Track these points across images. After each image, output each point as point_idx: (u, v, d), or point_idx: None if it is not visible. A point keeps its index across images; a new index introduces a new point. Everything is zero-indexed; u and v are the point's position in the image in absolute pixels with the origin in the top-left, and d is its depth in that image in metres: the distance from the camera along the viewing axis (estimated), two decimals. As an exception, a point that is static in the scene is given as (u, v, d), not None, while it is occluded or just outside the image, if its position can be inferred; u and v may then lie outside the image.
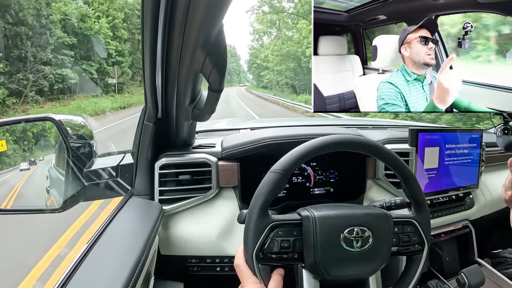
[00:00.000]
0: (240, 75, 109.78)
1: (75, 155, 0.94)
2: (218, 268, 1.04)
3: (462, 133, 1.25)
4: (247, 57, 58.57)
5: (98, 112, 16.48)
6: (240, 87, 71.01)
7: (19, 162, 6.04)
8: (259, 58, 44.99)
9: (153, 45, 0.68)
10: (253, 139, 1.05)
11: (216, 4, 0.58)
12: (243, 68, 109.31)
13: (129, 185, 1.03)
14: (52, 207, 0.95)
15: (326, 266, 0.65)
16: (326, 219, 0.66)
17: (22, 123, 1.00)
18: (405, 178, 0.73)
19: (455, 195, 1.28)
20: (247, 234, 0.66)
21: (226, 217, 1.04)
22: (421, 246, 0.73)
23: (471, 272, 1.10)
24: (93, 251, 0.69)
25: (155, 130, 0.95)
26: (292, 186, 1.15)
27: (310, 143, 0.69)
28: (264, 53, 40.90)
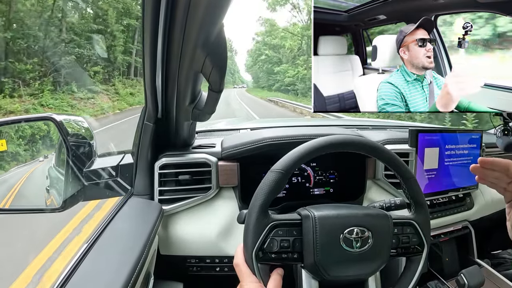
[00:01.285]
0: (235, 75, 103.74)
1: (75, 154, 0.94)
2: (217, 268, 1.04)
3: (462, 134, 1.25)
4: (251, 46, 49.77)
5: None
6: (234, 89, 63.44)
7: (29, 159, 7.62)
8: (270, 45, 39.00)
9: (153, 45, 0.68)
10: (253, 139, 1.05)
11: (217, 4, 0.58)
12: (238, 67, 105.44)
13: (129, 185, 1.03)
14: (51, 207, 0.95)
15: (326, 266, 0.65)
16: (326, 219, 0.66)
17: (23, 122, 1.00)
18: (405, 178, 0.73)
19: (455, 195, 1.28)
20: (246, 234, 0.66)
21: (225, 217, 1.04)
22: (420, 247, 0.73)
23: (471, 273, 1.10)
24: (92, 251, 0.69)
25: (155, 130, 0.95)
26: (292, 186, 1.15)
27: (310, 143, 0.69)
28: (278, 31, 36.00)
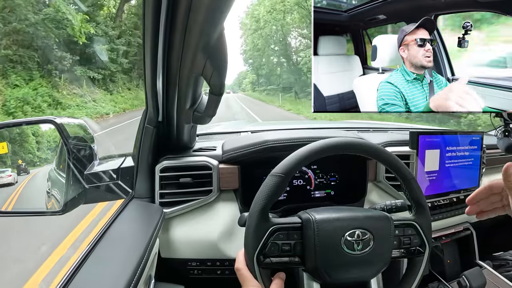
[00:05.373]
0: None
1: (75, 157, 0.94)
2: (218, 271, 1.04)
3: (463, 136, 1.25)
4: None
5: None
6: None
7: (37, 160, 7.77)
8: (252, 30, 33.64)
9: (154, 48, 0.69)
10: (254, 142, 1.06)
11: (217, 7, 0.58)
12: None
13: (130, 188, 1.03)
14: (52, 210, 0.95)
15: (327, 269, 0.65)
16: (327, 222, 0.66)
17: (23, 125, 1.01)
18: (405, 180, 0.73)
19: (456, 197, 1.28)
20: (247, 238, 0.66)
21: (226, 220, 1.04)
22: (422, 248, 0.73)
23: (473, 274, 1.09)
24: (93, 254, 0.69)
25: (156, 133, 0.95)
26: (293, 189, 1.15)
27: (310, 146, 0.69)
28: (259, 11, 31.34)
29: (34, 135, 1.17)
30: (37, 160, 1.17)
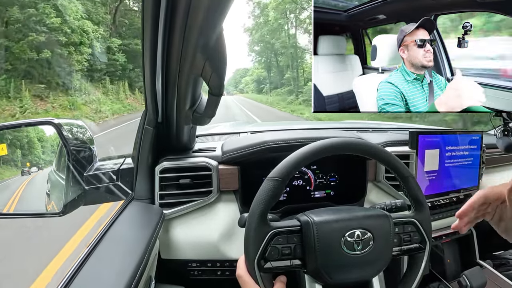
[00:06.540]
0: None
1: (75, 159, 0.94)
2: (219, 272, 1.03)
3: (462, 135, 1.25)
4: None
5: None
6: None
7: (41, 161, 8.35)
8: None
9: (153, 49, 0.69)
10: (254, 143, 1.05)
11: (216, 8, 0.58)
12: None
13: (130, 189, 1.03)
14: (52, 211, 0.95)
15: (328, 270, 0.65)
16: (326, 224, 0.66)
17: (23, 127, 1.01)
18: (404, 177, 0.73)
19: (456, 197, 1.28)
20: (247, 243, 0.66)
21: (226, 221, 1.04)
22: (422, 245, 0.73)
23: (473, 274, 1.09)
24: (93, 255, 0.69)
25: (155, 134, 0.95)
26: (293, 189, 1.15)
27: (307, 148, 0.68)
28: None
29: (40, 141, 1.17)
30: (42, 163, 1.17)
